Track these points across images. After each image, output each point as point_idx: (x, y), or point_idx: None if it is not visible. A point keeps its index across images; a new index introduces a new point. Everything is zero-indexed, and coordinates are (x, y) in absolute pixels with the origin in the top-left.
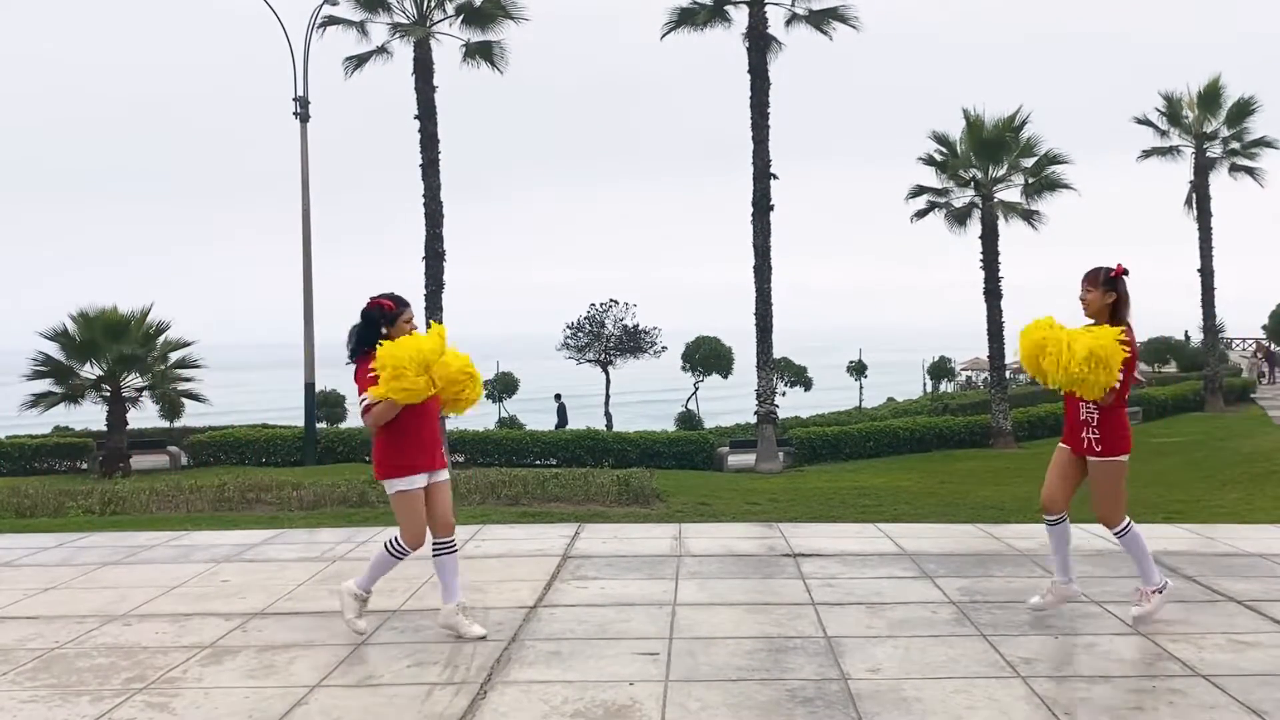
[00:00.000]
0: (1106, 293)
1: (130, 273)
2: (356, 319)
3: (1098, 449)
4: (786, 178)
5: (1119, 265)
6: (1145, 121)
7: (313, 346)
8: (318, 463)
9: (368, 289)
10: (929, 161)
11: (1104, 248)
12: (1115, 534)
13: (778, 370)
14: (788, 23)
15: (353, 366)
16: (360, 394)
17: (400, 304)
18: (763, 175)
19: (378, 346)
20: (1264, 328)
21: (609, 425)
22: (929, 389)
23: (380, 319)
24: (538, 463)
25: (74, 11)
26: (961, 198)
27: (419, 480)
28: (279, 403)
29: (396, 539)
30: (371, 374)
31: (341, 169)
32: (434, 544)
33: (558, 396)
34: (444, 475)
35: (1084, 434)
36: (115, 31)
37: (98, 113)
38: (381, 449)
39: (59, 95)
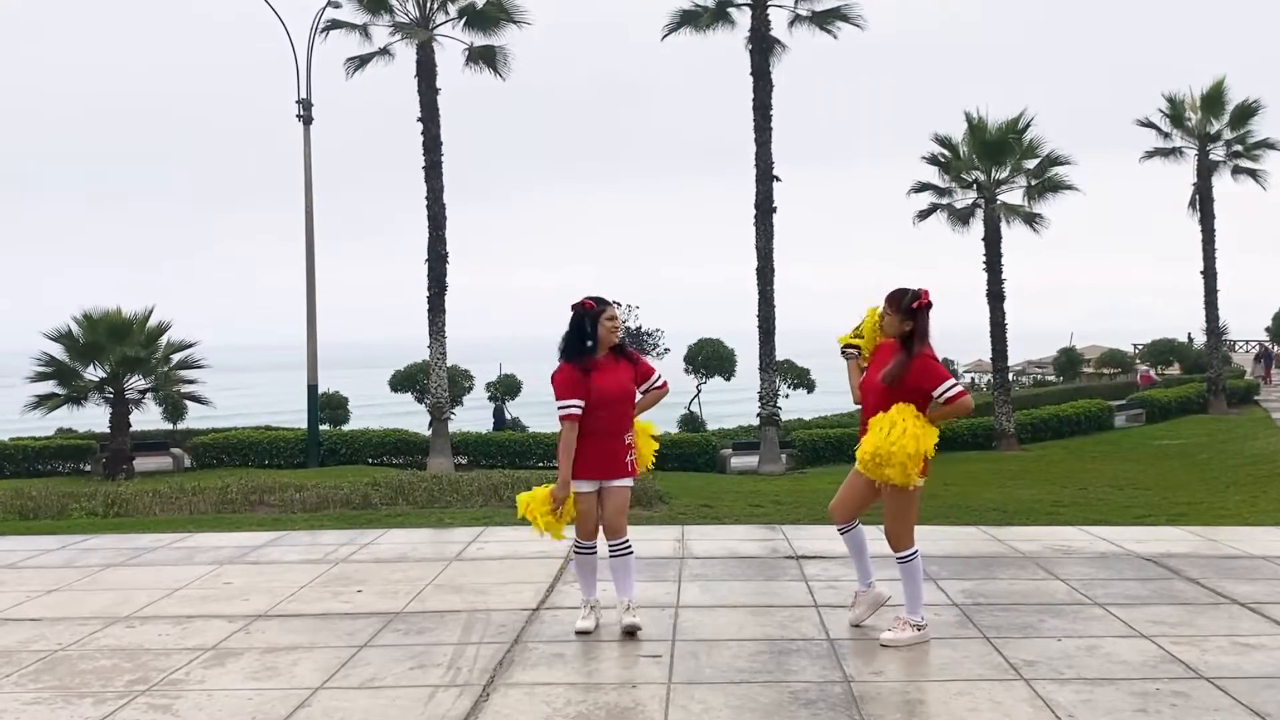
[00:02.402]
0: (904, 320)
1: (132, 274)
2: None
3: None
4: (789, 179)
5: (924, 294)
6: (1148, 123)
7: (316, 348)
8: (321, 465)
9: (370, 290)
10: (932, 162)
11: (1106, 248)
12: (899, 559)
13: (780, 372)
14: (790, 24)
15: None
16: (557, 396)
17: (601, 304)
18: (765, 177)
19: (587, 345)
20: (1267, 329)
21: None
22: None
23: (584, 318)
24: (541, 465)
25: (79, 13)
26: (964, 200)
27: (583, 485)
28: (282, 405)
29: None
30: (564, 409)
31: (344, 171)
32: (608, 546)
33: (497, 399)
34: (618, 483)
35: None
36: (118, 33)
37: (102, 113)
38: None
39: (64, 95)
